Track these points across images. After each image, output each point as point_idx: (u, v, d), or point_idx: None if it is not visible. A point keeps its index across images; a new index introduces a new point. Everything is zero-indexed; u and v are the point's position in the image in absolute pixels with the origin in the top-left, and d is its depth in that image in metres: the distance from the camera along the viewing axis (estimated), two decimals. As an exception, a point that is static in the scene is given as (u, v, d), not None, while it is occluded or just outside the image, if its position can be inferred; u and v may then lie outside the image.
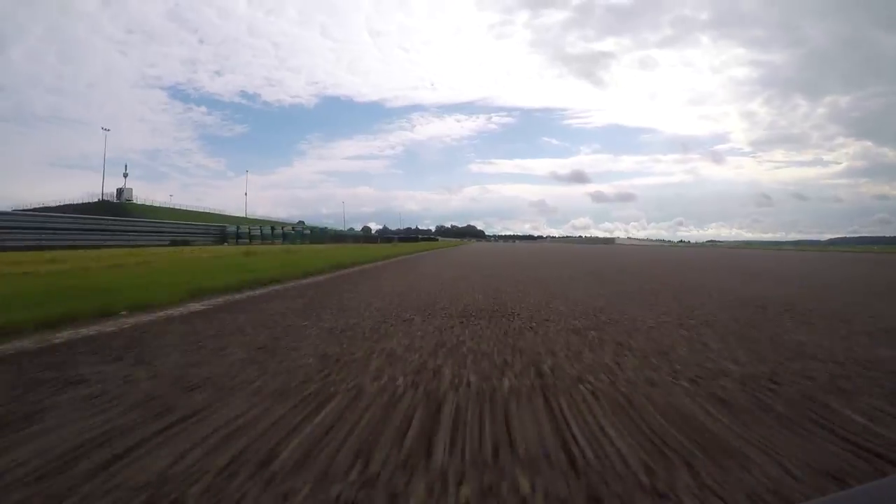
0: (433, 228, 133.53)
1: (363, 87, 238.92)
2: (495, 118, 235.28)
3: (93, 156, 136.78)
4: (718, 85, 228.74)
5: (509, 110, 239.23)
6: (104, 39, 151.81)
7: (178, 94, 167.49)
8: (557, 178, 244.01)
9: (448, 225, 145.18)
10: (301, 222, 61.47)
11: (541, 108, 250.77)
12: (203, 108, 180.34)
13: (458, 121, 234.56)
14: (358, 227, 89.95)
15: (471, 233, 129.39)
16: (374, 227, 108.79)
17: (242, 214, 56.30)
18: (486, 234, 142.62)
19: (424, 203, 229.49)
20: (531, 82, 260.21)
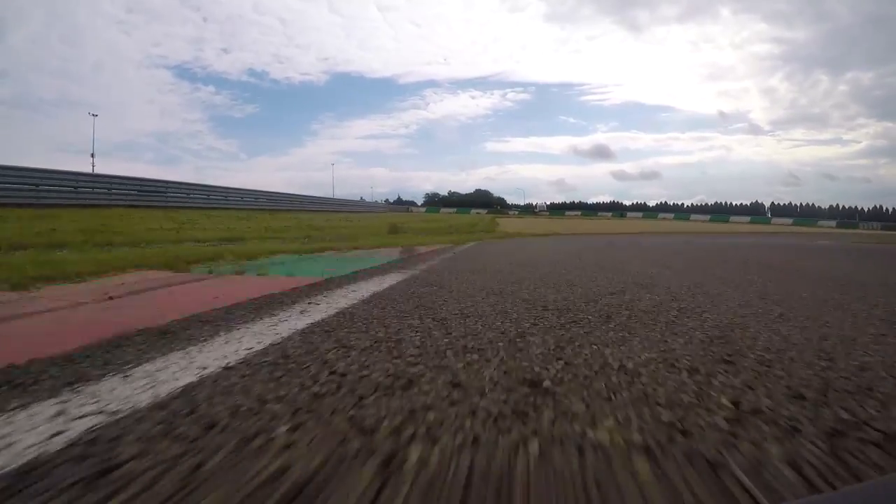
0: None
1: (374, 62, 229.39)
2: (510, 94, 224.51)
3: (103, 140, 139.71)
4: (739, 60, 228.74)
5: (525, 86, 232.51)
6: (105, 20, 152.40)
7: (185, 73, 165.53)
8: (576, 157, 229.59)
9: (445, 192, 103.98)
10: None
11: (557, 83, 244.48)
12: (211, 88, 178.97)
13: (473, 97, 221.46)
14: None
15: (481, 202, 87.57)
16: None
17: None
18: (509, 203, 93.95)
19: (440, 183, 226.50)
20: (547, 56, 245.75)
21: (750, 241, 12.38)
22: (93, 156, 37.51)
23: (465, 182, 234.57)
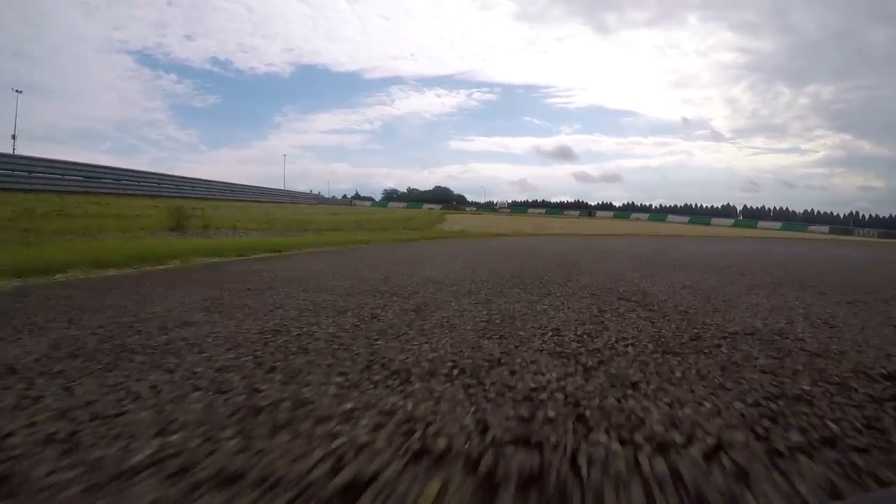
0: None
1: (341, 55, 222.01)
2: (476, 94, 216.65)
3: (58, 128, 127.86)
4: (703, 68, 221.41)
5: (491, 86, 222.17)
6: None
7: (147, 59, 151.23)
8: (539, 157, 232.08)
9: (404, 189, 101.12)
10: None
11: (523, 84, 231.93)
12: (173, 76, 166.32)
13: (439, 96, 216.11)
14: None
15: (440, 198, 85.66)
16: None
17: None
18: (469, 201, 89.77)
19: (402, 180, 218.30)
20: (514, 56, 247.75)
21: (848, 252, 7.78)
22: (13, 137, 32.30)
23: (427, 179, 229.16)
